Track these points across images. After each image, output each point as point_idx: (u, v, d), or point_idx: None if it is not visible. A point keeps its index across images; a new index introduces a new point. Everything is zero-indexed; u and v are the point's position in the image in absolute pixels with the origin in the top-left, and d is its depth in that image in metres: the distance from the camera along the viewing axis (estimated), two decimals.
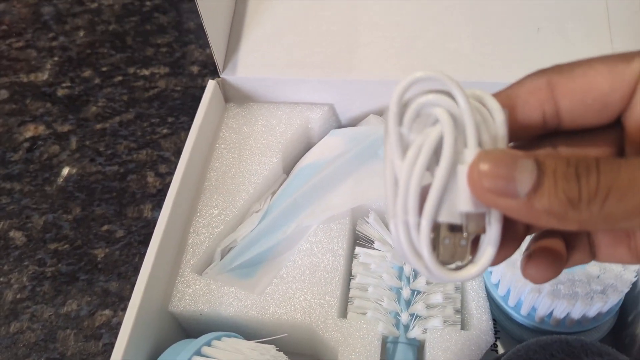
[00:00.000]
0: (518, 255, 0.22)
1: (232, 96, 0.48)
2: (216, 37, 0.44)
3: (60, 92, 0.63)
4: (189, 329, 0.40)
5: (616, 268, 0.34)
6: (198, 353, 0.33)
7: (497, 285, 0.38)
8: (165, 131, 0.58)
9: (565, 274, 0.34)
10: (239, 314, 0.37)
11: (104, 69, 0.64)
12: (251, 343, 0.34)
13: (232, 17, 0.48)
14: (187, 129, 0.58)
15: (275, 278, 0.38)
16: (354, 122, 0.48)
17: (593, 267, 0.35)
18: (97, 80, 0.63)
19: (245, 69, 0.46)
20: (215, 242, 0.41)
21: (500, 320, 0.39)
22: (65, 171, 0.53)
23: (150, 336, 0.36)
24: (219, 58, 0.45)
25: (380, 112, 0.46)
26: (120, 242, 0.50)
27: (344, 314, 0.38)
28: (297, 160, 0.46)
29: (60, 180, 0.52)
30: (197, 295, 0.38)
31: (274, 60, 0.46)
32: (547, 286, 0.34)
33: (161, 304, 0.37)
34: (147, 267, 0.35)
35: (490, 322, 0.35)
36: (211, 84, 0.45)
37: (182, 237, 0.40)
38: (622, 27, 0.42)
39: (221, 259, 0.40)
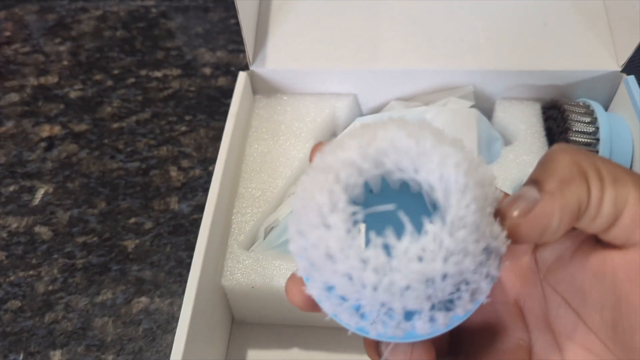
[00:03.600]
0: None
1: (259, 88, 0.50)
2: (247, 32, 0.47)
3: (73, 94, 0.64)
4: (236, 306, 0.41)
5: None
6: None
7: None
8: (183, 128, 0.59)
9: None
10: None
11: (115, 72, 0.65)
12: None
13: (257, 15, 0.51)
14: (206, 126, 0.60)
15: None
16: (376, 111, 0.51)
17: None
18: (109, 83, 0.64)
19: (273, 62, 0.48)
20: (260, 221, 0.42)
21: None
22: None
23: (206, 312, 0.37)
24: (249, 51, 0.48)
25: (402, 99, 0.49)
26: (150, 233, 0.51)
27: None
28: None
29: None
30: (248, 269, 0.39)
31: (299, 54, 0.49)
32: None
33: (212, 278, 0.39)
34: (201, 245, 0.37)
35: None
36: (242, 75, 0.47)
37: (226, 219, 0.42)
38: (620, 22, 0.47)
39: (265, 237, 0.42)
